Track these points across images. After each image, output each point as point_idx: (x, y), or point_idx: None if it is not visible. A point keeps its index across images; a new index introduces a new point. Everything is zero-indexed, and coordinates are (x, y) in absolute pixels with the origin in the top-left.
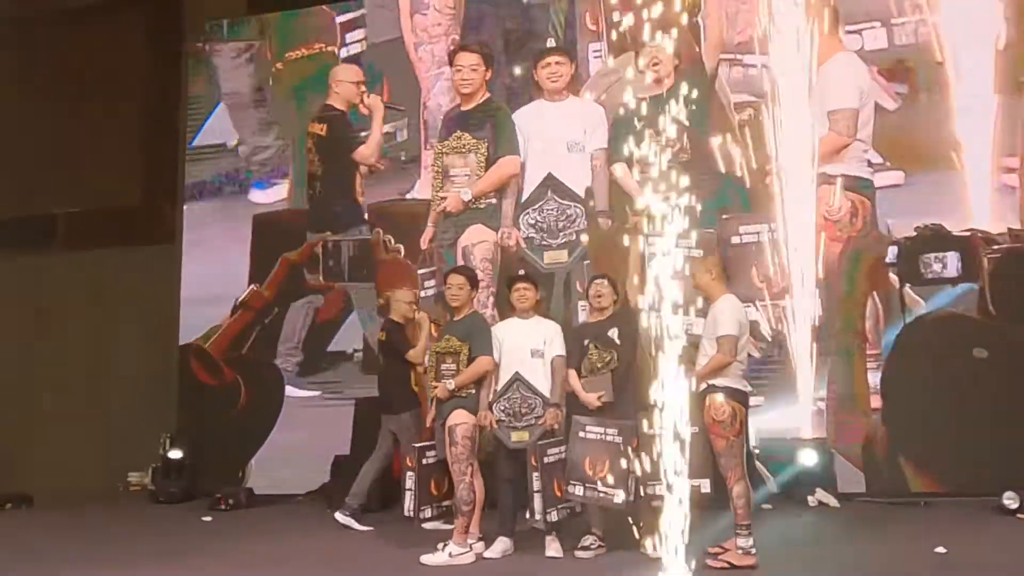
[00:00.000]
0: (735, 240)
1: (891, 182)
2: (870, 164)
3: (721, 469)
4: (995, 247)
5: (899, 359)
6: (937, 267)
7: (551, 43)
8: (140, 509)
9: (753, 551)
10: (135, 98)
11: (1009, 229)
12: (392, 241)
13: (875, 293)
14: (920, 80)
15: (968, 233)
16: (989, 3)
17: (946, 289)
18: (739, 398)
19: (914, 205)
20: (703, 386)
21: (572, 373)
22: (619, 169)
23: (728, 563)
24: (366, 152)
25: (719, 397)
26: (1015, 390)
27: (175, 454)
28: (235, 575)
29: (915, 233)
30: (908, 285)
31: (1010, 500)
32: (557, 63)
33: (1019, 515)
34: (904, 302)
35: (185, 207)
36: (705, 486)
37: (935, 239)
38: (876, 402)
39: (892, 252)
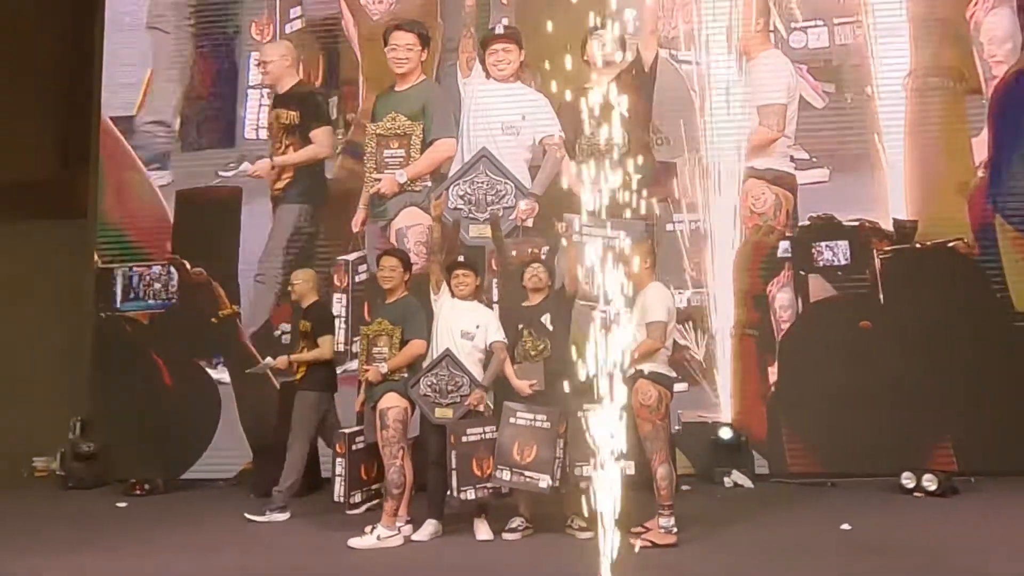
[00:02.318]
0: (668, 227)
1: (816, 179)
2: (793, 159)
3: (646, 452)
4: (887, 248)
5: (791, 344)
6: (828, 255)
7: (499, 29)
8: (48, 495)
9: (674, 530)
10: (49, 63)
11: (895, 219)
12: (190, 265)
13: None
14: (847, 79)
15: (857, 223)
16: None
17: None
18: (665, 383)
19: (837, 200)
20: (631, 371)
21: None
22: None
23: (651, 542)
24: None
25: (646, 382)
26: (901, 373)
27: (86, 444)
28: (153, 563)
29: (808, 222)
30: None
31: (907, 480)
32: (505, 50)
33: (915, 494)
34: (798, 290)
35: (101, 179)
36: (630, 468)
37: (827, 228)
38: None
39: (783, 247)
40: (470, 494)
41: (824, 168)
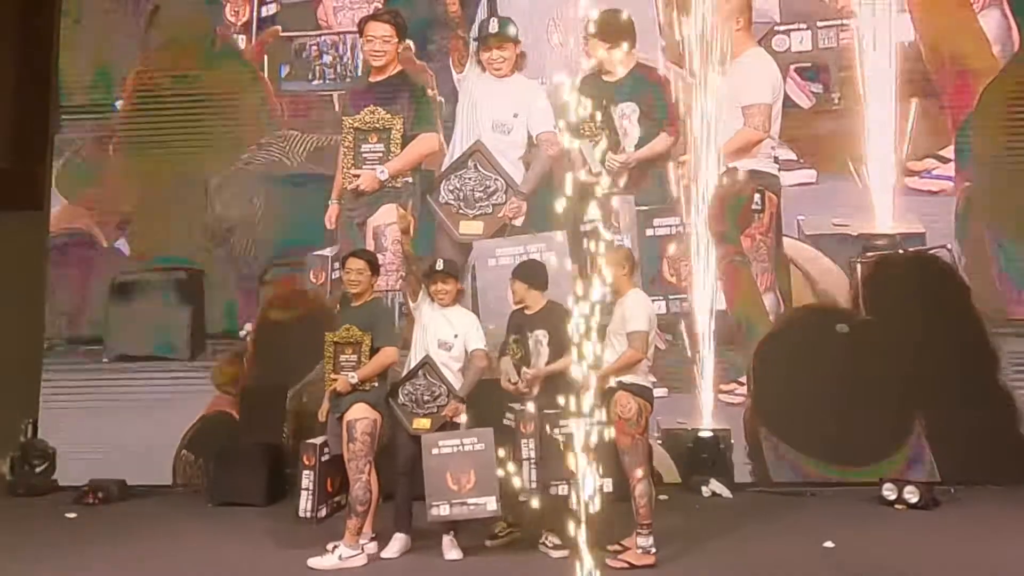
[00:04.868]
0: (648, 232)
1: (803, 180)
2: (777, 160)
3: (624, 467)
4: (868, 253)
5: (770, 350)
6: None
7: (494, 26)
8: None
9: (653, 550)
10: (4, 48)
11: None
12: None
13: (778, 291)
14: (834, 81)
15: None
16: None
17: None
18: (645, 395)
19: (823, 202)
20: (610, 383)
21: (505, 360)
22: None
23: (628, 563)
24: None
25: (625, 394)
26: (882, 382)
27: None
28: None
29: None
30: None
31: (889, 491)
32: (499, 48)
33: (897, 506)
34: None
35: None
36: (607, 485)
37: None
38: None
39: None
40: (443, 509)
41: (811, 169)
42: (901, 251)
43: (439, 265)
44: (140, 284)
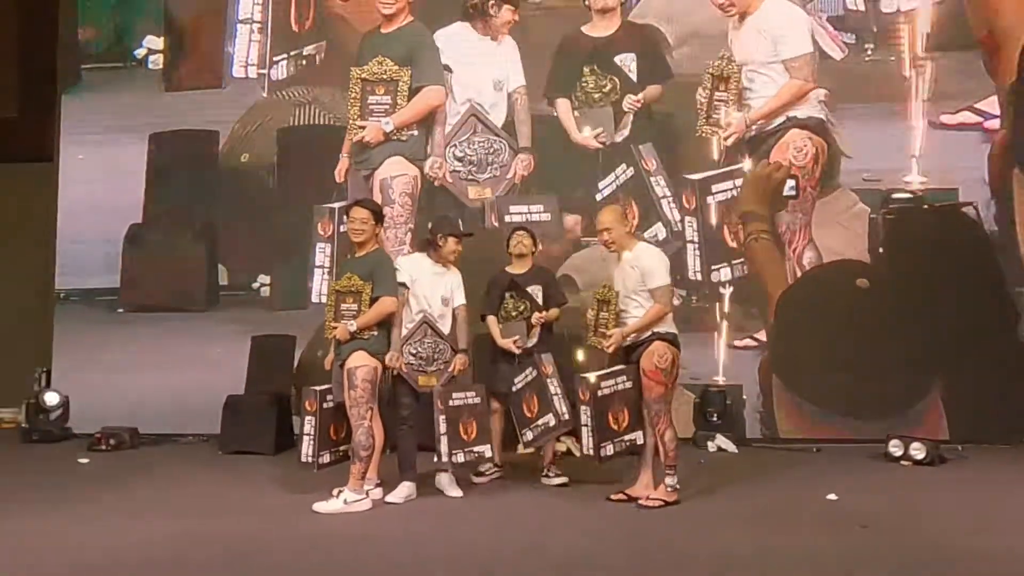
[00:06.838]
0: (708, 200)
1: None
2: (825, 104)
3: (653, 415)
4: (891, 206)
5: (786, 306)
6: None
7: None
8: (8, 448)
9: (677, 486)
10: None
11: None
12: None
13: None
14: (869, 30)
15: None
16: None
17: None
18: (678, 344)
19: (854, 155)
20: (646, 335)
21: (492, 319)
22: (562, 105)
23: (661, 500)
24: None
25: (662, 343)
26: (897, 338)
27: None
28: (97, 527)
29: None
30: None
31: (895, 448)
32: (515, 13)
33: (903, 462)
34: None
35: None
36: (639, 438)
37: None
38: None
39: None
40: (460, 457)
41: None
42: (925, 206)
43: (462, 227)
44: (155, 234)
